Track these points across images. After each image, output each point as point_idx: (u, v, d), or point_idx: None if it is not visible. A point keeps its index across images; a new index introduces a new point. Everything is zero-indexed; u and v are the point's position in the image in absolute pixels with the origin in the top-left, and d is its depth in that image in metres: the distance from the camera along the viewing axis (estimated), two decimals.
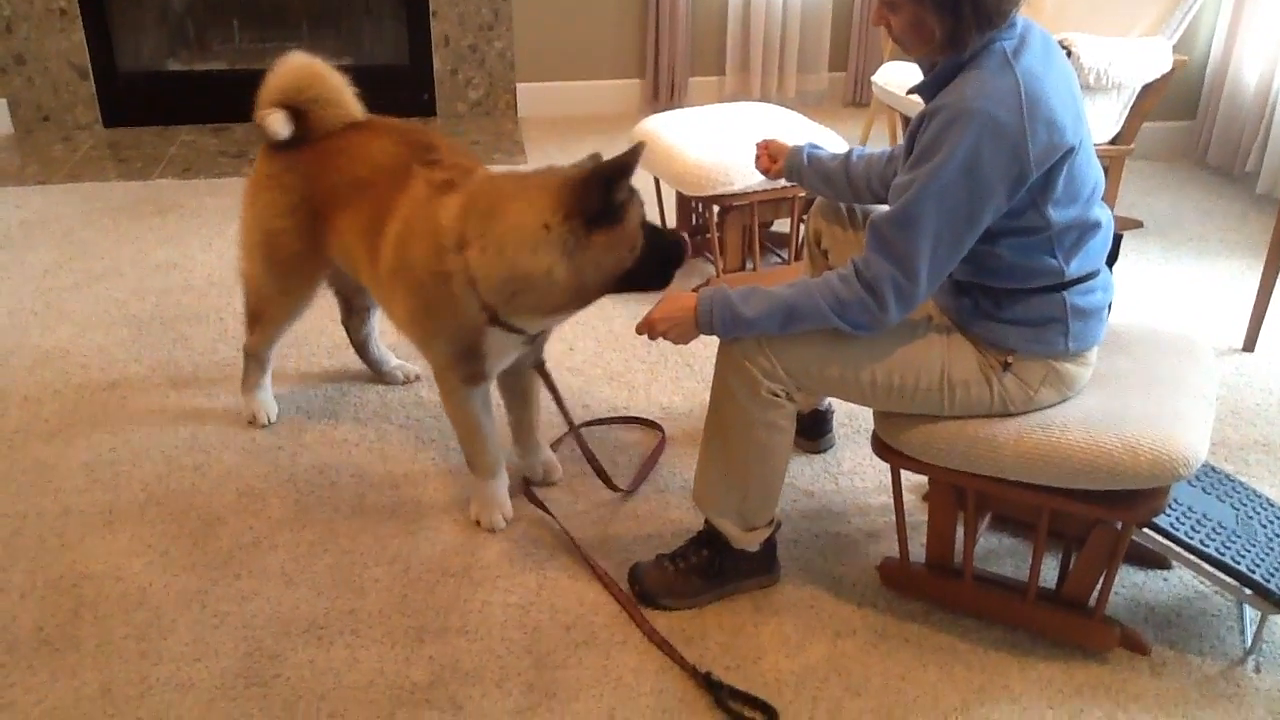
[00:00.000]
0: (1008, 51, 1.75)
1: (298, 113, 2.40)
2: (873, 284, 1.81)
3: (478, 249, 2.03)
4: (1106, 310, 1.98)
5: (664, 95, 5.08)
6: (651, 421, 2.77)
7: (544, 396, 2.49)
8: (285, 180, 2.45)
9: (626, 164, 1.97)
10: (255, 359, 2.72)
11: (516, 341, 2.19)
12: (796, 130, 3.41)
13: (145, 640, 2.07)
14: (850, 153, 2.28)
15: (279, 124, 2.38)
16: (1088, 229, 1.87)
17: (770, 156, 2.41)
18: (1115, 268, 2.08)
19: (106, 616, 2.13)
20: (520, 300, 2.06)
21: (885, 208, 1.85)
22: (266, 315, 2.64)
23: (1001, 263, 1.87)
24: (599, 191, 1.96)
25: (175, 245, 3.74)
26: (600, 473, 2.43)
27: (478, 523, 2.38)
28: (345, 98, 2.44)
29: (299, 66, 2.40)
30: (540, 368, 2.34)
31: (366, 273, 2.34)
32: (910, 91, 1.93)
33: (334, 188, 2.38)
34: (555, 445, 2.66)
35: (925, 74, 1.89)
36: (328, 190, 2.39)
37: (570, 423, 2.42)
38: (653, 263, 2.07)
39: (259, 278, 2.59)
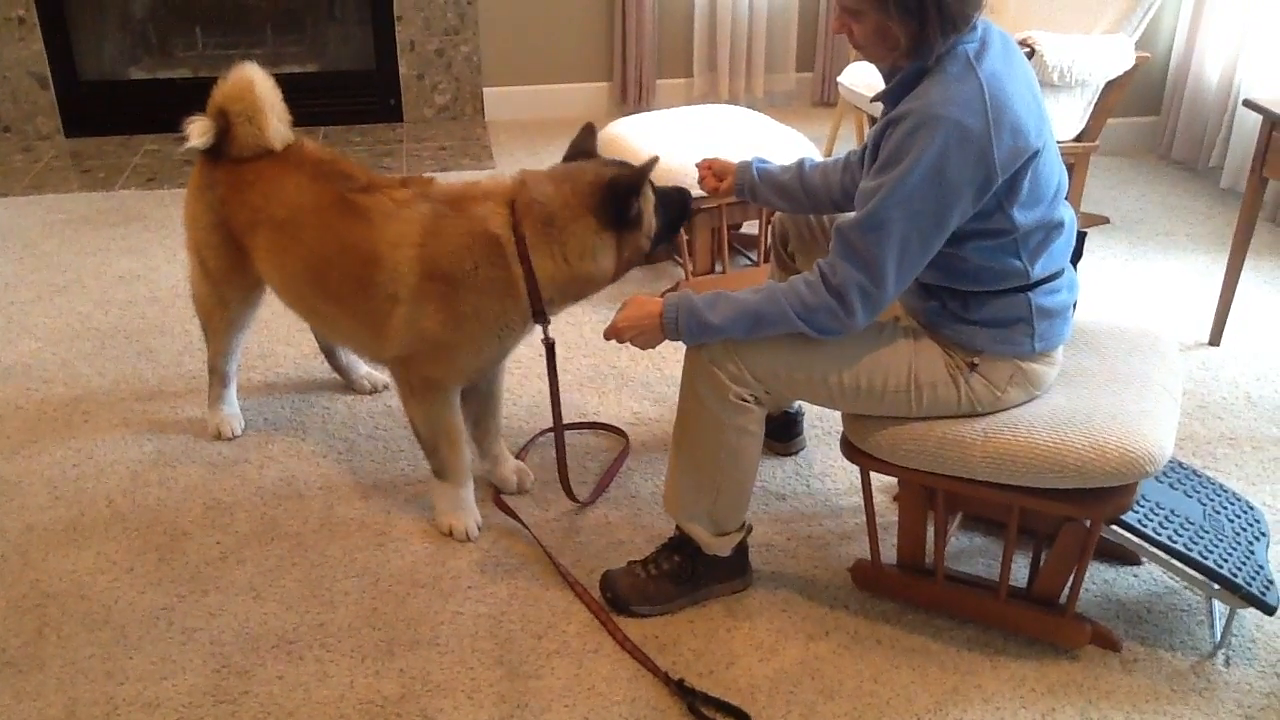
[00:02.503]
0: (970, 55, 1.75)
1: (228, 125, 2.37)
2: (839, 290, 1.81)
3: (544, 255, 2.14)
4: (1071, 309, 1.98)
5: (632, 98, 5.07)
6: (616, 428, 2.76)
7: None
8: (208, 197, 2.44)
9: (635, 181, 2.11)
10: (216, 371, 2.69)
11: (525, 335, 2.29)
12: (763, 133, 3.40)
13: (111, 659, 2.04)
14: (802, 163, 2.26)
15: (197, 132, 2.37)
16: (1052, 229, 1.88)
17: (716, 175, 2.37)
18: (1080, 265, 2.09)
19: (71, 636, 2.10)
20: (573, 293, 2.21)
21: (849, 215, 1.84)
22: (211, 325, 2.63)
23: (968, 265, 1.87)
24: (621, 204, 2.13)
25: (139, 256, 3.70)
26: (564, 482, 2.40)
27: (449, 533, 2.36)
28: (264, 118, 2.36)
29: (236, 78, 2.37)
30: (549, 350, 2.35)
31: (336, 312, 2.30)
32: (875, 99, 1.92)
33: (251, 223, 2.37)
34: (522, 454, 2.64)
35: (886, 81, 1.89)
36: (244, 223, 2.38)
37: (557, 420, 2.37)
38: (667, 227, 2.27)
39: (198, 286, 2.60)
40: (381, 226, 2.19)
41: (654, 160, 2.14)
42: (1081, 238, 2.10)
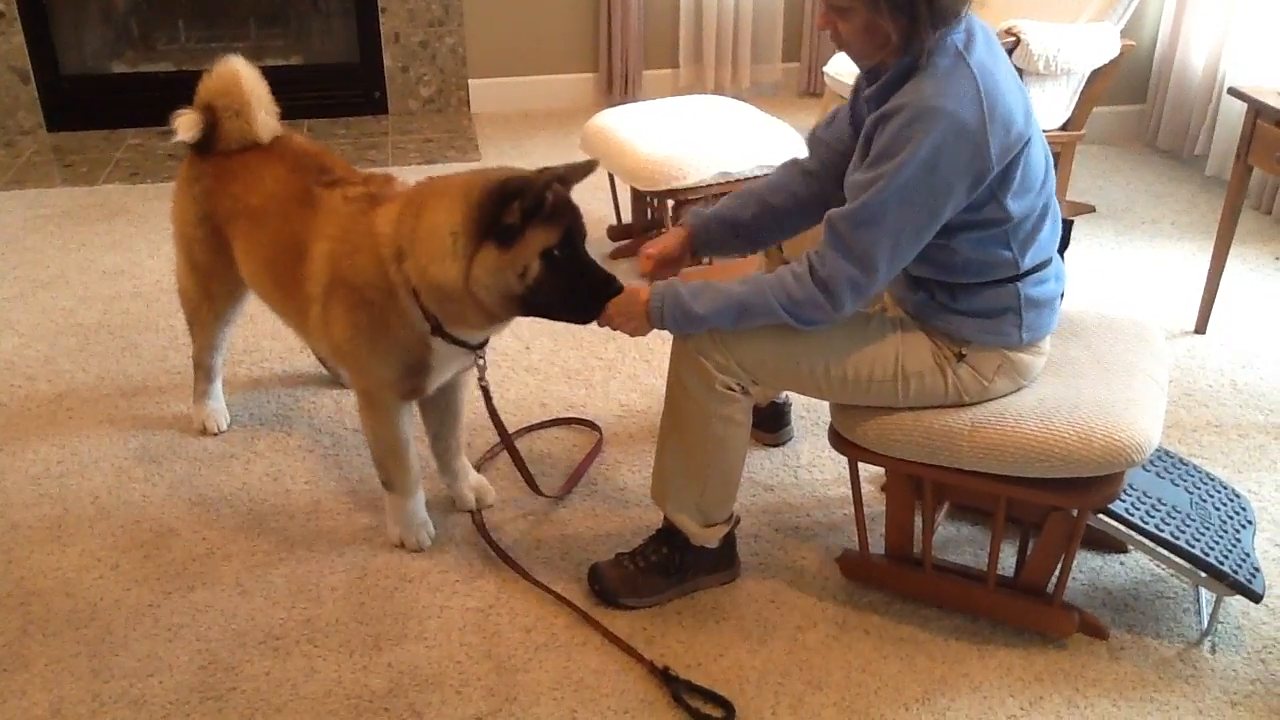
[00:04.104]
0: (959, 46, 1.75)
1: (215, 119, 2.35)
2: (828, 281, 1.80)
3: (411, 257, 1.98)
4: (1059, 300, 1.98)
5: (618, 89, 5.05)
6: (588, 422, 2.74)
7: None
8: (195, 190, 2.42)
9: (525, 188, 1.88)
10: (201, 367, 2.67)
11: (459, 353, 2.12)
12: (749, 123, 3.39)
13: (96, 657, 2.03)
14: (756, 194, 2.13)
15: (185, 125, 2.34)
16: (1041, 218, 1.88)
17: (660, 260, 2.13)
18: (1067, 254, 2.09)
19: (55, 634, 2.08)
20: (449, 310, 2.01)
21: (840, 207, 1.82)
22: (196, 320, 2.61)
23: (957, 258, 1.86)
24: (491, 208, 1.89)
25: (123, 251, 3.67)
26: (529, 480, 2.33)
27: (399, 544, 2.31)
28: (251, 111, 2.34)
29: (222, 71, 2.35)
30: (480, 377, 2.21)
31: (283, 305, 2.29)
32: (866, 98, 1.87)
33: (232, 213, 2.34)
34: (489, 457, 2.61)
35: (869, 80, 1.87)
36: (226, 212, 2.36)
37: (503, 434, 2.29)
38: (568, 297, 1.96)
39: (184, 280, 2.58)
40: (318, 222, 2.14)
41: (549, 178, 1.91)
42: (1068, 226, 2.10)
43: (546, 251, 1.92)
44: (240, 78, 2.34)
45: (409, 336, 2.06)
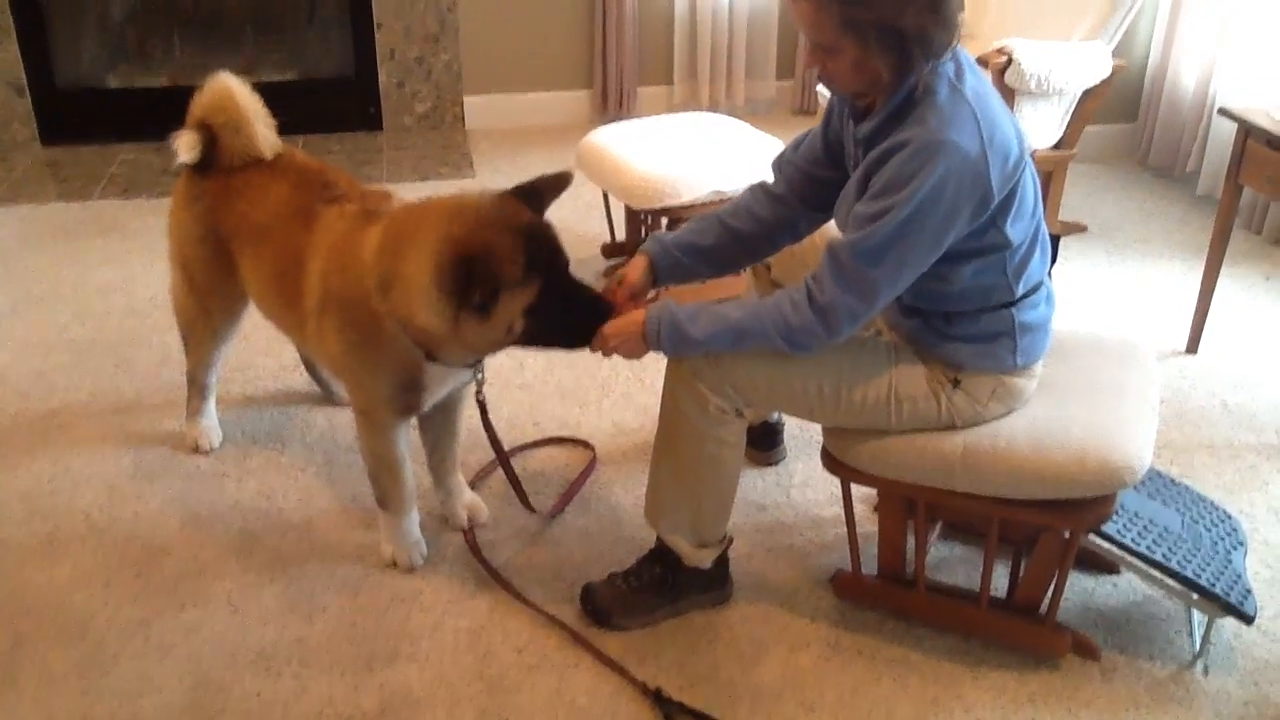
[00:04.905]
0: (951, 76, 1.75)
1: (213, 137, 2.35)
2: (826, 310, 1.80)
3: (397, 291, 1.95)
4: (1051, 322, 1.99)
5: (613, 105, 5.06)
6: (582, 441, 2.74)
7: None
8: (196, 209, 2.41)
9: (483, 274, 1.82)
10: (195, 383, 2.67)
11: (455, 371, 2.12)
12: (743, 140, 3.41)
13: (86, 676, 2.02)
14: (719, 220, 2.10)
15: (185, 147, 2.34)
16: (1033, 243, 1.89)
17: (628, 293, 2.07)
18: (1059, 273, 2.10)
19: (46, 652, 2.08)
20: (437, 346, 2.00)
21: (841, 237, 1.82)
22: (193, 337, 2.61)
23: (953, 288, 1.87)
24: (456, 284, 1.84)
25: (117, 267, 3.67)
26: (522, 498, 2.33)
27: (392, 563, 2.30)
28: (252, 128, 2.34)
29: (215, 89, 2.35)
30: (477, 391, 2.21)
31: (285, 319, 2.29)
32: (861, 138, 1.84)
33: (237, 231, 2.34)
34: (484, 475, 2.61)
35: (860, 114, 1.86)
36: (231, 231, 2.35)
37: (497, 448, 2.28)
38: (561, 333, 1.95)
39: (181, 298, 2.57)
40: (314, 239, 2.14)
41: (526, 191, 1.88)
42: (1055, 242, 2.10)
43: (529, 309, 1.90)
44: (233, 94, 2.34)
45: (401, 355, 2.05)
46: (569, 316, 1.95)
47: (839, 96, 1.93)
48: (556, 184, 1.98)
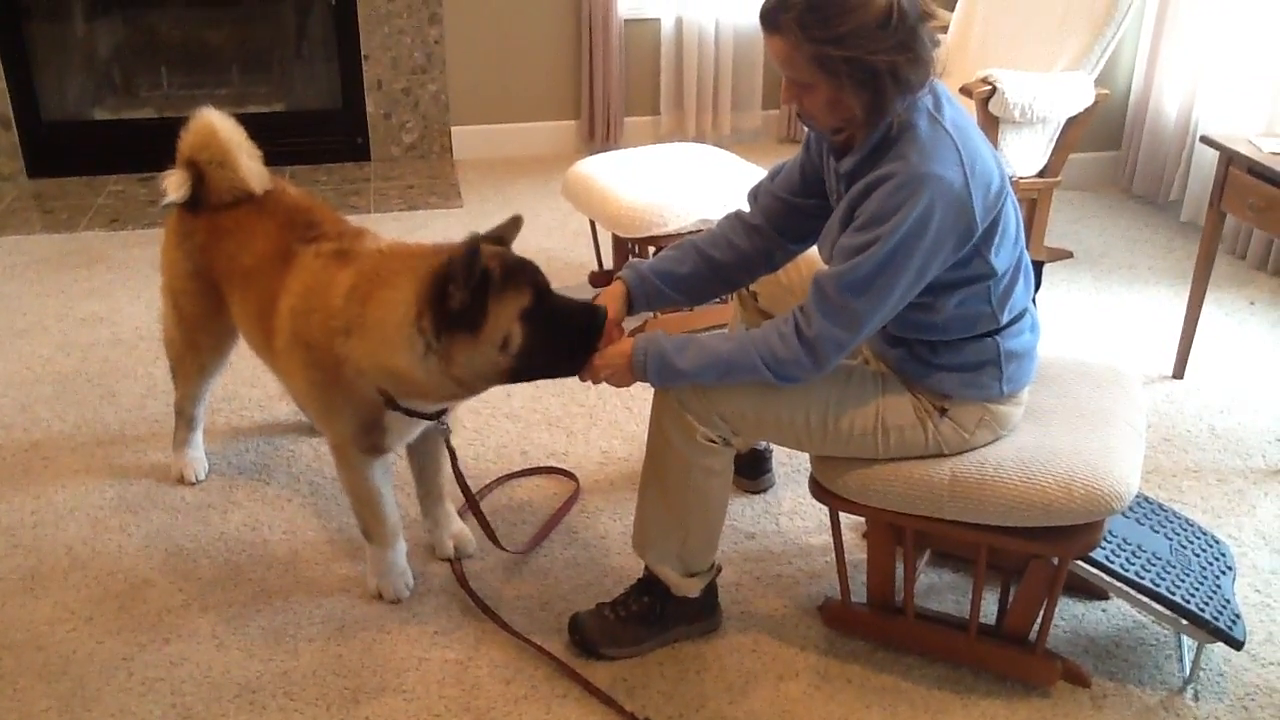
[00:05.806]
0: (930, 109, 1.77)
1: (201, 174, 2.34)
2: (813, 343, 1.81)
3: (358, 338, 1.96)
4: (1036, 349, 1.99)
5: (600, 136, 5.08)
6: (566, 471, 2.72)
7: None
8: (186, 246, 2.41)
9: (456, 270, 1.84)
10: (182, 415, 2.66)
11: (417, 421, 2.11)
12: (729, 170, 3.42)
13: (68, 712, 2.00)
14: (695, 246, 2.10)
15: (174, 186, 2.33)
16: (1017, 271, 1.89)
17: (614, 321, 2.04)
18: (1044, 300, 2.11)
19: (27, 688, 2.05)
20: (406, 390, 1.99)
21: (827, 269, 1.82)
22: (181, 370, 2.60)
23: (940, 316, 1.87)
24: (438, 299, 1.85)
25: (102, 298, 3.66)
26: (491, 537, 2.29)
27: (378, 595, 2.28)
28: (237, 161, 2.33)
29: (198, 125, 2.34)
30: (445, 439, 2.21)
31: (267, 358, 2.29)
32: (844, 173, 1.85)
33: (226, 271, 2.33)
34: (466, 511, 2.57)
35: (839, 149, 1.87)
36: (220, 270, 2.35)
37: (467, 494, 2.24)
38: (559, 349, 1.95)
39: (171, 330, 2.57)
40: (288, 279, 2.14)
41: (476, 249, 1.83)
42: (1039, 268, 2.11)
43: (524, 313, 1.90)
44: (215, 129, 2.34)
45: (361, 399, 2.05)
46: (567, 328, 1.94)
47: (817, 134, 1.94)
48: (513, 226, 2.05)
